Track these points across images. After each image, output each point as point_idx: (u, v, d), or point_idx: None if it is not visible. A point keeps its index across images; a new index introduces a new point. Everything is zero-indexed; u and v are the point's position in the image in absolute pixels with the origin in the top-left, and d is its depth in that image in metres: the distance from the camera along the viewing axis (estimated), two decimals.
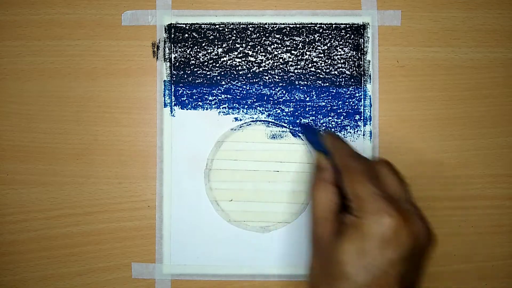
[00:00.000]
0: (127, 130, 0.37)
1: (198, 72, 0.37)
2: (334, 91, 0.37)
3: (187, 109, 0.36)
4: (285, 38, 0.37)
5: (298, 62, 0.37)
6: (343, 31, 0.37)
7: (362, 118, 0.36)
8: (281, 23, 0.37)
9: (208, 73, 0.37)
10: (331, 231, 0.28)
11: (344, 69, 0.37)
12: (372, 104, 0.36)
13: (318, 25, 0.37)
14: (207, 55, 0.37)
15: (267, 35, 0.37)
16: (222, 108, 0.36)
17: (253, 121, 0.37)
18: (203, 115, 0.36)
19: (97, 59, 0.37)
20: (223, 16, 0.37)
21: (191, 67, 0.37)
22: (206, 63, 0.37)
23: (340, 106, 0.37)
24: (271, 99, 0.37)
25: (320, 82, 0.37)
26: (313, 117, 0.36)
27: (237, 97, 0.37)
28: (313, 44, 0.37)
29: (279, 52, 0.37)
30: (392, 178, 0.28)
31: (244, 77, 0.37)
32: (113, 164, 0.36)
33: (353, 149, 0.30)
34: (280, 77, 0.37)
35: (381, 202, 0.26)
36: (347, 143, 0.31)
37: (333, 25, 0.37)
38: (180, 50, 0.37)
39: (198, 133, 0.36)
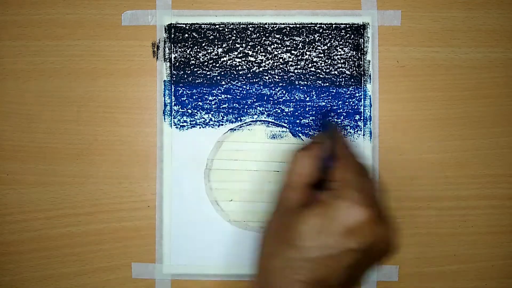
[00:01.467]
0: (127, 130, 0.37)
1: (198, 72, 0.37)
2: (334, 91, 0.37)
3: (186, 109, 0.36)
4: (285, 38, 0.37)
5: (298, 62, 0.37)
6: (343, 31, 0.37)
7: (362, 118, 0.36)
8: (281, 23, 0.37)
9: (208, 73, 0.37)
10: (299, 200, 0.28)
11: (344, 69, 0.37)
12: (372, 104, 0.36)
13: (318, 25, 0.37)
14: (207, 55, 0.37)
15: (267, 35, 0.37)
16: (222, 108, 0.36)
17: (253, 121, 0.37)
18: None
19: (97, 59, 0.37)
20: (223, 16, 0.37)
21: (191, 67, 0.37)
22: (206, 63, 0.37)
23: (340, 106, 0.37)
24: (271, 99, 0.37)
25: (320, 82, 0.37)
26: (313, 117, 0.36)
27: (237, 97, 0.37)
28: (313, 44, 0.37)
29: (279, 52, 0.37)
30: (374, 181, 0.29)
31: (244, 77, 0.37)
32: (113, 164, 0.36)
33: (353, 146, 0.31)
34: (280, 77, 0.37)
35: (359, 193, 0.26)
36: (349, 140, 0.31)
37: (333, 25, 0.37)
38: (180, 50, 0.37)
39: (198, 133, 0.36)
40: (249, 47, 0.37)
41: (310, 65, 0.37)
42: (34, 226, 0.36)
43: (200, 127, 0.37)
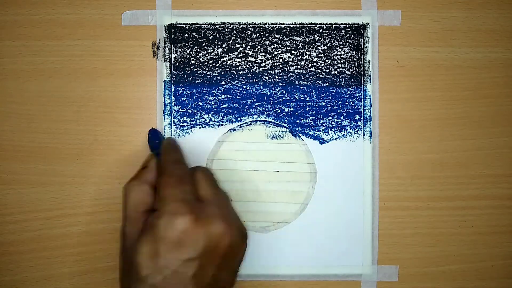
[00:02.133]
0: (127, 130, 0.37)
1: (198, 72, 0.37)
2: (334, 91, 0.37)
3: (186, 109, 0.36)
4: (285, 38, 0.37)
5: (298, 62, 0.37)
6: (343, 31, 0.37)
7: (362, 118, 0.36)
8: (281, 23, 0.37)
9: (208, 73, 0.37)
10: (137, 232, 0.28)
11: (344, 69, 0.37)
12: (372, 104, 0.36)
13: (318, 25, 0.37)
14: (207, 55, 0.37)
15: (267, 35, 0.37)
16: (222, 108, 0.36)
17: (253, 121, 0.37)
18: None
19: (97, 59, 0.37)
20: (223, 16, 0.37)
21: (191, 67, 0.37)
22: (206, 63, 0.37)
23: (340, 106, 0.37)
24: (271, 99, 0.37)
25: (320, 82, 0.37)
26: (313, 117, 0.36)
27: (237, 97, 0.37)
28: (313, 44, 0.37)
29: (279, 52, 0.37)
30: (204, 182, 0.29)
31: (244, 77, 0.37)
32: (113, 164, 0.36)
33: (181, 157, 0.31)
34: (280, 77, 0.37)
35: (176, 203, 0.26)
36: (181, 151, 0.31)
37: (333, 25, 0.37)
38: (180, 50, 0.37)
39: (198, 133, 0.36)
40: (249, 47, 0.37)
41: (310, 65, 0.37)
42: (34, 226, 0.36)
43: (200, 127, 0.37)
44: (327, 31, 0.37)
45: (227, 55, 0.37)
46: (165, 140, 0.33)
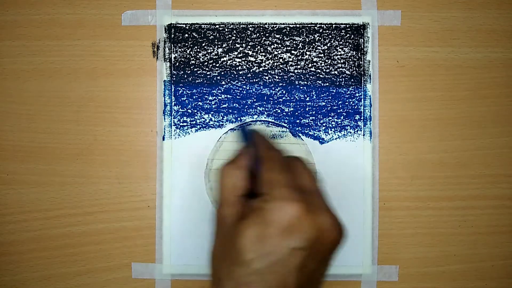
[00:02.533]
0: (127, 130, 0.37)
1: (198, 72, 0.37)
2: (334, 91, 0.37)
3: (186, 109, 0.36)
4: (285, 38, 0.37)
5: (298, 62, 0.37)
6: (343, 31, 0.37)
7: (362, 118, 0.36)
8: (281, 23, 0.37)
9: (208, 73, 0.37)
10: (236, 215, 0.27)
11: (344, 69, 0.37)
12: (372, 104, 0.36)
13: (318, 25, 0.37)
14: (207, 55, 0.37)
15: (267, 35, 0.37)
16: (222, 108, 0.36)
17: (253, 121, 0.37)
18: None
19: (97, 59, 0.37)
20: (223, 16, 0.37)
21: (191, 67, 0.37)
22: (206, 63, 0.37)
23: (340, 106, 0.37)
24: (271, 99, 0.37)
25: (320, 82, 0.37)
26: (313, 117, 0.36)
27: (237, 97, 0.37)
28: (313, 44, 0.37)
29: (279, 52, 0.37)
30: (306, 172, 0.29)
31: (244, 77, 0.37)
32: (113, 164, 0.36)
33: (274, 144, 0.30)
34: (280, 77, 0.37)
35: (288, 190, 0.26)
36: (272, 141, 0.31)
37: (333, 25, 0.37)
38: (180, 50, 0.37)
39: (198, 133, 0.36)
40: (249, 47, 0.37)
41: (310, 65, 0.37)
42: (34, 226, 0.36)
43: (200, 127, 0.37)
44: (327, 31, 0.37)
45: (227, 55, 0.37)
46: (256, 131, 0.33)
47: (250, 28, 0.37)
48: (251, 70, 0.37)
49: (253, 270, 0.25)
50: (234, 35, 0.37)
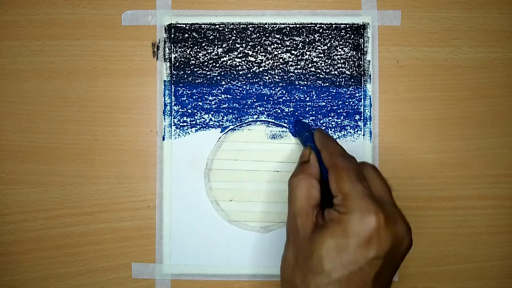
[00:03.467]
0: (127, 130, 0.37)
1: (198, 72, 0.37)
2: (334, 91, 0.37)
3: (186, 109, 0.36)
4: (285, 38, 0.37)
5: (298, 62, 0.37)
6: (343, 31, 0.37)
7: (362, 118, 0.36)
8: (281, 23, 0.37)
9: (208, 73, 0.37)
10: (311, 225, 0.28)
11: (344, 69, 0.37)
12: (372, 104, 0.36)
13: (318, 25, 0.37)
14: (207, 55, 0.37)
15: (267, 35, 0.37)
16: (222, 108, 0.36)
17: (253, 121, 0.37)
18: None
19: (97, 59, 0.37)
20: (223, 16, 0.37)
21: (191, 67, 0.37)
22: (206, 63, 0.37)
23: (340, 106, 0.37)
24: (271, 99, 0.37)
25: (320, 82, 0.37)
26: (313, 117, 0.36)
27: (237, 97, 0.37)
28: (313, 44, 0.37)
29: (279, 52, 0.37)
30: (378, 181, 0.29)
31: (244, 77, 0.37)
32: (113, 164, 0.36)
33: (342, 148, 0.30)
34: (280, 77, 0.37)
35: (367, 201, 0.26)
36: (336, 142, 0.31)
37: (333, 25, 0.37)
38: (180, 50, 0.37)
39: (198, 133, 0.36)
40: (249, 47, 0.37)
41: (310, 65, 0.37)
42: (34, 226, 0.36)
43: (200, 127, 0.37)
44: (327, 31, 0.37)
45: (227, 55, 0.37)
46: (317, 131, 0.33)
47: (250, 28, 0.37)
48: (251, 70, 0.37)
49: (332, 279, 0.26)
50: (234, 35, 0.37)
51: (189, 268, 0.36)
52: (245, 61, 0.37)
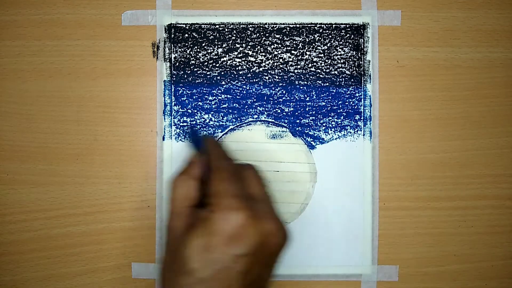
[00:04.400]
0: (127, 130, 0.37)
1: (198, 72, 0.37)
2: (334, 91, 0.37)
3: (186, 109, 0.36)
4: (285, 38, 0.37)
5: (298, 62, 0.37)
6: (343, 31, 0.37)
7: (362, 118, 0.36)
8: (281, 23, 0.37)
9: (208, 73, 0.37)
10: (184, 226, 0.28)
11: (344, 69, 0.37)
12: (372, 104, 0.36)
13: (318, 25, 0.37)
14: (207, 55, 0.37)
15: (267, 35, 0.37)
16: (222, 108, 0.36)
17: (253, 121, 0.37)
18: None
19: (97, 59, 0.37)
20: (223, 16, 0.37)
21: (191, 67, 0.37)
22: (206, 63, 0.37)
23: (340, 106, 0.37)
24: (271, 99, 0.37)
25: (320, 82, 0.37)
26: (313, 117, 0.36)
27: (237, 97, 0.37)
28: (313, 44, 0.37)
29: (279, 52, 0.37)
30: (255, 180, 0.29)
31: (244, 77, 0.37)
32: (113, 164, 0.36)
33: (228, 153, 0.31)
34: (280, 77, 0.37)
35: (232, 199, 0.26)
36: (225, 148, 0.31)
37: (333, 25, 0.37)
38: (180, 50, 0.37)
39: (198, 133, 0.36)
40: (249, 47, 0.37)
41: (310, 65, 0.37)
42: (34, 226, 0.36)
43: (200, 127, 0.37)
44: (327, 31, 0.37)
45: (227, 55, 0.37)
46: (208, 137, 0.33)
47: (250, 28, 0.37)
48: (251, 70, 0.37)
49: (198, 279, 0.25)
50: (234, 35, 0.37)
51: None
52: (245, 61, 0.37)
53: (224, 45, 0.37)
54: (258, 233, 0.26)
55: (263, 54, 0.37)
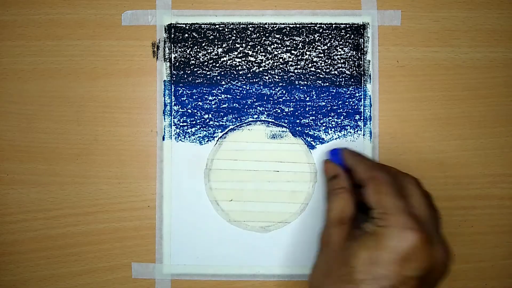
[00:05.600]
0: (127, 130, 0.37)
1: (198, 72, 0.37)
2: (334, 91, 0.37)
3: (186, 109, 0.36)
4: (285, 38, 0.37)
5: (298, 62, 0.37)
6: (343, 31, 0.37)
7: (362, 118, 0.36)
8: (281, 23, 0.37)
9: (208, 73, 0.37)
10: (345, 236, 0.28)
11: (344, 69, 0.37)
12: (372, 104, 0.36)
13: (318, 25, 0.37)
14: (207, 55, 0.37)
15: (267, 35, 0.37)
16: (222, 108, 0.36)
17: (253, 121, 0.37)
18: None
19: (97, 59, 0.37)
20: (223, 16, 0.37)
21: (191, 67, 0.37)
22: (206, 63, 0.37)
23: (340, 106, 0.37)
24: (271, 99, 0.37)
25: (320, 82, 0.37)
26: (313, 117, 0.36)
27: (237, 97, 0.37)
28: (313, 44, 0.37)
29: (279, 52, 0.37)
30: (420, 198, 0.28)
31: (244, 77, 0.37)
32: (113, 164, 0.36)
33: (375, 161, 0.31)
34: (280, 77, 0.37)
35: (407, 218, 0.26)
36: (367, 156, 0.31)
37: (333, 25, 0.37)
38: (180, 50, 0.37)
39: (198, 133, 0.36)
40: (249, 47, 0.37)
41: (310, 65, 0.37)
42: (34, 226, 0.36)
43: (200, 127, 0.37)
44: (327, 31, 0.37)
45: (227, 55, 0.37)
46: (346, 149, 0.34)
47: (250, 28, 0.37)
48: (251, 70, 0.37)
49: None
50: (234, 35, 0.37)
51: (189, 268, 0.36)
52: (245, 61, 0.37)
53: (224, 45, 0.37)
54: (429, 258, 0.26)
55: (263, 54, 0.37)
